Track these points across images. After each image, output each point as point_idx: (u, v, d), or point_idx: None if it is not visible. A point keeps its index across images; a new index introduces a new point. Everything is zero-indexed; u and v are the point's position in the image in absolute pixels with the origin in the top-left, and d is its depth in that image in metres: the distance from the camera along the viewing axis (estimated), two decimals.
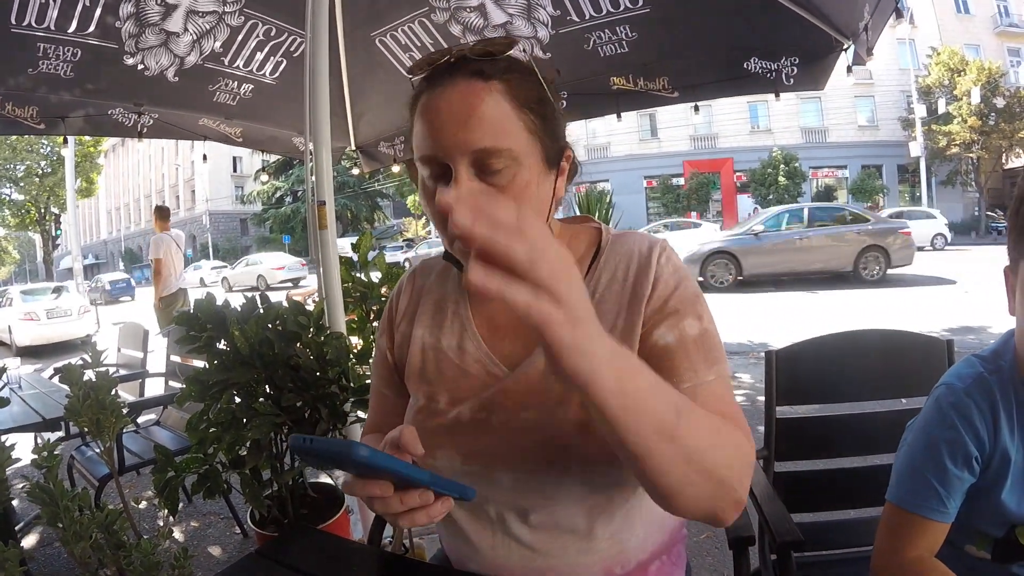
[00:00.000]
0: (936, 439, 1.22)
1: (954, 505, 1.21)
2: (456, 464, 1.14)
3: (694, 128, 40.29)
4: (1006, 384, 1.22)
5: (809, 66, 4.04)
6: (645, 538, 1.19)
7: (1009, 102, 34.28)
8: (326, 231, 3.09)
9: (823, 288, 15.00)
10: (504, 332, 1.20)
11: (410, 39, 4.36)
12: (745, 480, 0.90)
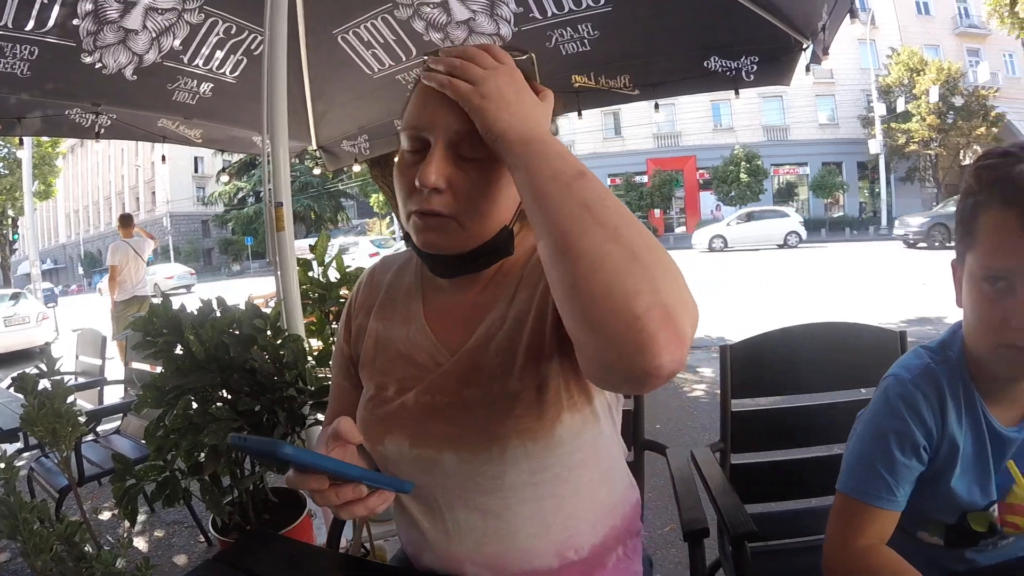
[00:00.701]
0: (884, 429, 1.25)
1: (903, 493, 1.23)
2: (404, 448, 1.16)
3: (657, 126, 40.64)
4: (954, 374, 1.26)
5: (769, 65, 4.08)
6: (596, 522, 1.21)
7: (967, 101, 35.18)
8: (283, 233, 3.05)
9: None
10: (452, 323, 1.23)
11: (373, 36, 4.34)
12: (675, 290, 0.80)
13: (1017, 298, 1.07)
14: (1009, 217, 1.05)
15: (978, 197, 1.13)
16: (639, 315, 0.76)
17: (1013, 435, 1.24)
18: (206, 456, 2.46)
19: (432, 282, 1.28)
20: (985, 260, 1.11)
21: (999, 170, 1.09)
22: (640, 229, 0.83)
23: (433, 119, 1.05)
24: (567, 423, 1.11)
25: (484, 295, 1.22)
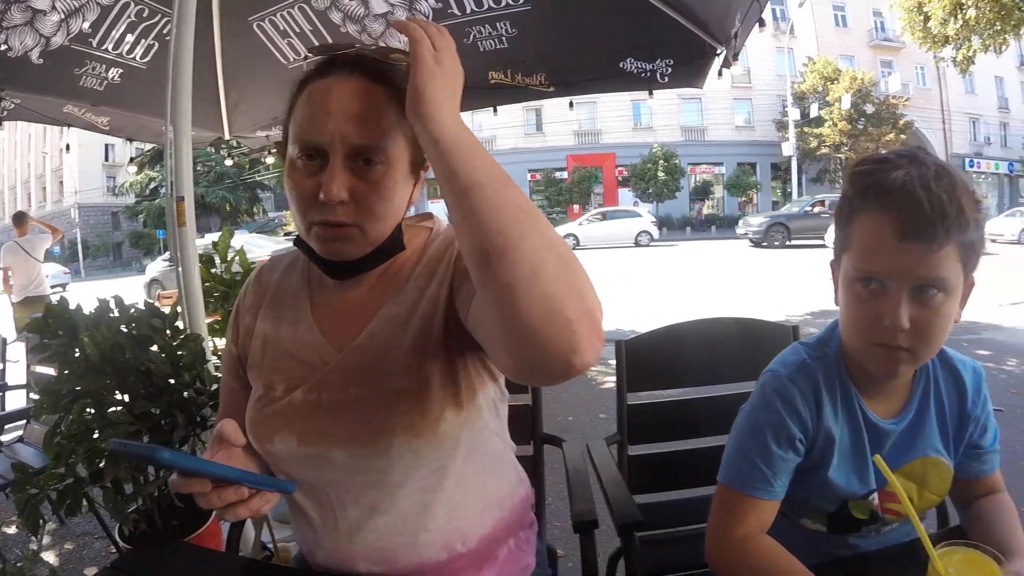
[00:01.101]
0: (761, 422, 1.30)
1: (781, 484, 1.27)
2: (293, 447, 1.16)
3: (579, 124, 41.25)
4: (830, 370, 1.32)
5: (683, 68, 4.18)
6: (483, 513, 1.26)
7: (878, 109, 37.14)
8: (185, 228, 2.94)
9: None
10: (341, 321, 1.24)
11: (289, 25, 4.24)
12: (594, 295, 0.85)
13: (888, 299, 1.12)
14: (882, 221, 1.10)
15: (854, 201, 1.18)
16: (571, 319, 0.80)
17: (891, 427, 1.30)
18: (105, 462, 2.35)
19: (320, 281, 1.28)
20: (858, 262, 1.16)
21: (874, 176, 1.14)
22: (559, 235, 0.87)
23: (330, 130, 1.05)
24: (451, 419, 1.14)
25: (373, 293, 1.24)
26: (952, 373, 1.36)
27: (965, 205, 1.07)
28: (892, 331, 1.12)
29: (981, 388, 1.37)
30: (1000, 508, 1.32)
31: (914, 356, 1.16)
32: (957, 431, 1.35)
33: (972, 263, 1.14)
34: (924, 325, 1.12)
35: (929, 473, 1.32)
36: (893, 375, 1.25)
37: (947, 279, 1.09)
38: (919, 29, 14.26)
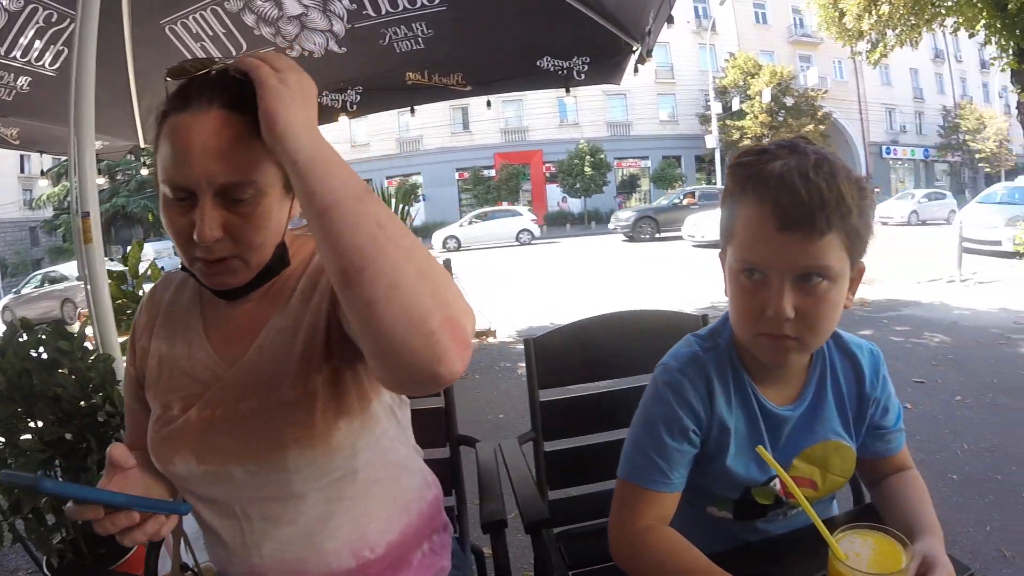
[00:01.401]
0: (653, 415, 1.31)
1: (678, 476, 1.28)
2: (193, 466, 1.15)
3: (505, 121, 41.32)
4: (723, 360, 1.33)
5: (599, 65, 4.22)
6: (390, 519, 1.26)
7: (797, 101, 38.19)
8: (92, 245, 2.81)
9: None
10: (232, 336, 1.22)
11: (202, 28, 4.12)
12: (458, 301, 0.88)
13: (771, 289, 1.12)
14: (763, 213, 1.11)
15: (735, 193, 1.18)
16: (434, 330, 0.82)
17: (787, 413, 1.31)
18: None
19: (211, 297, 1.25)
20: (741, 253, 1.17)
21: (753, 167, 1.15)
22: (421, 245, 0.90)
23: (195, 172, 1.02)
24: (345, 428, 1.13)
25: (261, 307, 1.22)
26: (849, 357, 1.38)
27: (846, 193, 1.08)
28: (776, 321, 1.13)
29: (879, 370, 1.39)
30: (908, 485, 1.35)
31: (802, 344, 1.17)
32: (857, 414, 1.37)
33: (858, 249, 1.15)
34: (809, 313, 1.13)
35: (831, 456, 1.34)
36: (782, 364, 1.26)
37: (831, 267, 1.10)
38: (835, 24, 14.70)
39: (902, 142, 48.50)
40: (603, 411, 2.03)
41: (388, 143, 41.21)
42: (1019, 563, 3.02)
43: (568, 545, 1.98)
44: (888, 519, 1.29)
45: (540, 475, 2.02)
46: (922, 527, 1.18)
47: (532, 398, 2.04)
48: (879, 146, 46.79)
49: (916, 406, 5.19)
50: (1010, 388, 5.52)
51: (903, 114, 48.85)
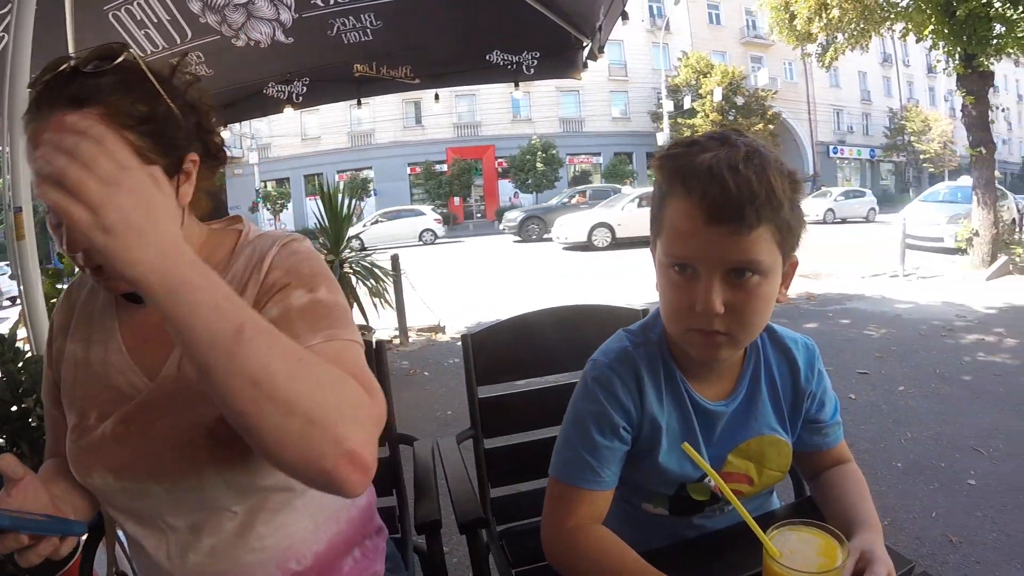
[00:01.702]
0: (583, 413, 1.27)
1: (610, 473, 1.25)
2: (110, 482, 1.09)
3: (458, 116, 41.36)
4: (653, 355, 1.30)
5: (550, 60, 4.22)
6: (316, 530, 1.21)
7: (748, 101, 38.75)
8: (24, 242, 2.68)
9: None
10: (149, 342, 1.16)
11: (146, 15, 4.00)
12: (355, 431, 0.87)
13: (700, 284, 1.09)
14: (691, 206, 1.06)
15: (663, 186, 1.15)
16: (328, 469, 0.84)
17: (721, 409, 1.29)
18: None
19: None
20: (669, 248, 1.13)
21: (681, 160, 1.11)
22: (310, 379, 0.85)
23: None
24: None
25: None
26: (783, 351, 1.36)
27: (777, 186, 1.04)
28: (706, 317, 1.08)
29: (814, 364, 1.37)
30: (846, 479, 1.33)
31: (733, 340, 1.14)
32: (792, 408, 1.35)
33: (790, 243, 1.12)
34: (740, 309, 1.09)
35: (767, 451, 1.33)
36: (713, 360, 1.24)
37: (761, 261, 1.07)
38: (786, 27, 14.88)
39: (849, 142, 49.70)
40: (544, 407, 1.99)
41: (339, 137, 40.95)
42: (966, 549, 3.07)
43: (511, 543, 1.95)
44: (826, 513, 1.28)
45: (482, 473, 1.99)
46: (860, 522, 1.17)
47: (471, 395, 2.00)
48: (827, 146, 47.87)
49: (860, 396, 5.27)
50: (952, 378, 5.69)
51: (851, 115, 50.05)
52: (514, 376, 2.04)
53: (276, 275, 1.12)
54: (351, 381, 0.92)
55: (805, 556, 0.98)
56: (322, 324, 1.05)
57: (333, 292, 1.13)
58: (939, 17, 11.32)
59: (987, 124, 11.82)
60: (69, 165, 0.70)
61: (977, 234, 11.94)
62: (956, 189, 16.90)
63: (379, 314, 6.50)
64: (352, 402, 0.90)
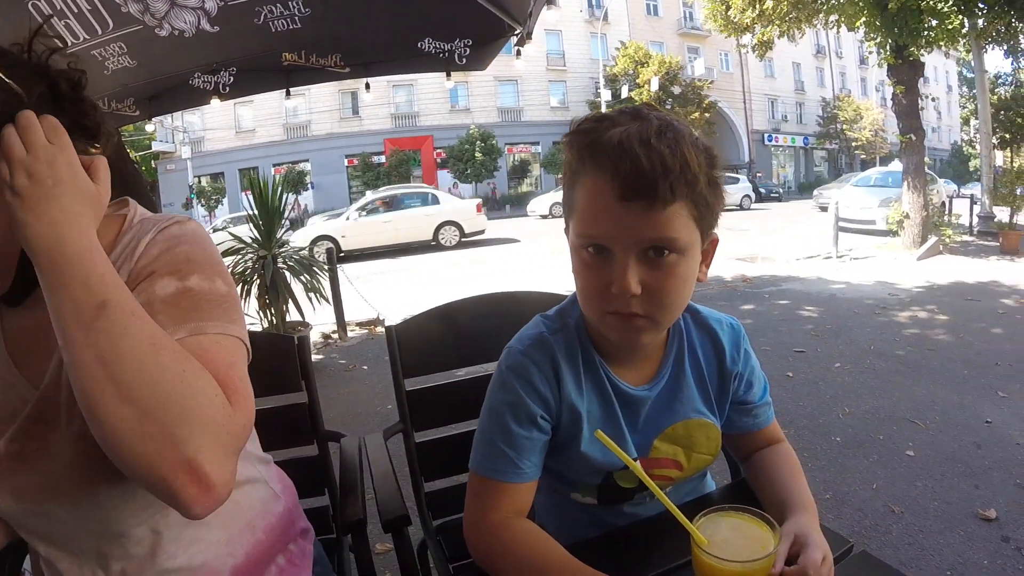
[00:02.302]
0: (499, 403, 1.22)
1: (530, 464, 1.19)
2: (11, 506, 1.00)
3: (395, 106, 40.95)
4: (571, 341, 1.24)
5: (482, 48, 4.17)
6: (231, 542, 1.14)
7: (684, 90, 39.39)
8: None
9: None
10: (34, 350, 1.03)
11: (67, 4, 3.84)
12: (199, 437, 0.80)
13: (615, 265, 1.03)
14: (602, 182, 1.01)
15: (573, 165, 1.09)
16: (164, 476, 0.78)
17: (644, 394, 1.24)
18: None
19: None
20: (581, 227, 1.07)
21: (591, 135, 1.05)
22: (157, 367, 0.81)
23: None
24: None
25: None
26: (708, 332, 1.32)
27: (691, 160, 0.99)
28: (622, 298, 1.03)
29: (740, 344, 1.33)
30: (779, 460, 1.30)
31: (652, 322, 1.08)
32: (719, 390, 1.31)
33: (709, 220, 1.08)
34: (658, 289, 1.04)
35: (695, 434, 1.28)
36: (633, 343, 1.17)
37: (678, 238, 1.02)
38: (721, 17, 15.08)
39: (784, 130, 50.84)
40: (474, 398, 1.91)
41: (275, 129, 40.09)
42: (908, 518, 3.14)
43: (449, 537, 1.89)
44: (759, 495, 1.25)
45: (414, 468, 1.93)
46: (794, 504, 1.14)
47: (398, 388, 1.92)
48: (762, 134, 48.93)
49: (797, 374, 5.37)
50: (887, 354, 5.85)
51: (785, 104, 51.22)
52: (442, 367, 1.97)
53: (144, 262, 1.01)
54: (209, 381, 0.85)
55: (735, 544, 0.94)
56: (189, 316, 0.95)
57: (211, 279, 1.01)
58: (871, 10, 11.66)
59: (917, 112, 12.27)
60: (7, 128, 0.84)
61: (908, 216, 12.39)
62: (887, 174, 17.54)
63: (315, 309, 6.37)
64: (202, 403, 0.82)
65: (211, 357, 0.91)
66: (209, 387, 0.84)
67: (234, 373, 0.93)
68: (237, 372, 0.93)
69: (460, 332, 1.98)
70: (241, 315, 1.04)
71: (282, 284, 5.98)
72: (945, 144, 59.59)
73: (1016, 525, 3.08)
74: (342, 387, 5.67)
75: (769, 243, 14.38)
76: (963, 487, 3.44)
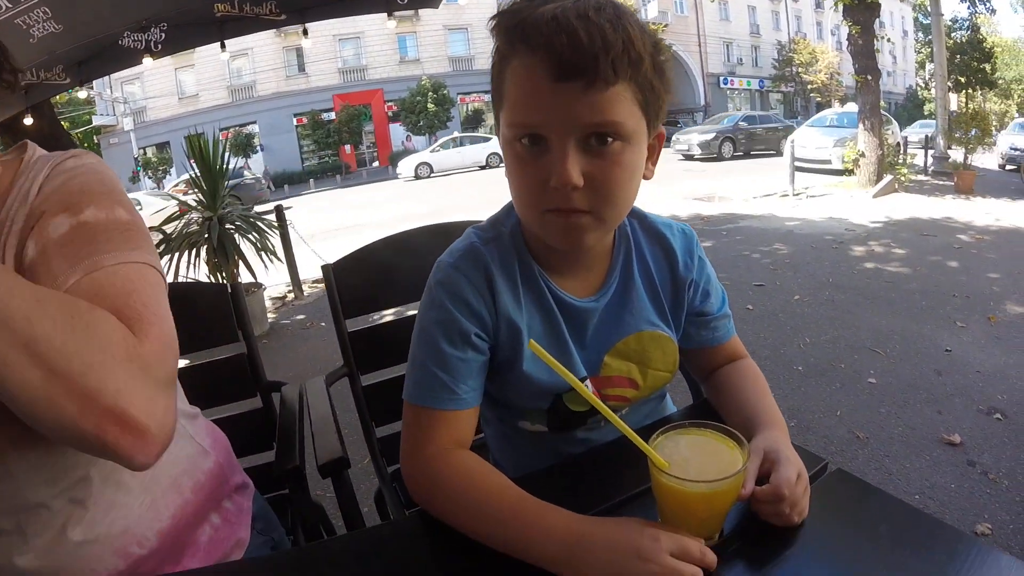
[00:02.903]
0: (428, 322, 1.11)
1: (468, 389, 1.09)
2: None
3: (343, 61, 40.01)
4: (506, 251, 1.14)
5: None
6: (155, 504, 1.07)
7: None
8: None
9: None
10: None
11: None
12: (115, 383, 0.74)
13: (553, 155, 0.92)
14: (535, 63, 0.90)
15: (503, 49, 0.98)
16: (92, 432, 0.72)
17: (589, 306, 1.15)
18: None
19: None
20: (514, 117, 0.96)
21: (521, 14, 0.94)
22: (50, 327, 0.72)
23: None
24: None
25: None
26: (657, 238, 1.23)
27: (635, 38, 0.89)
28: (563, 192, 0.92)
29: (693, 250, 1.25)
30: (742, 375, 1.23)
31: (597, 219, 0.98)
32: (673, 300, 1.22)
33: (656, 108, 0.97)
34: (602, 179, 0.94)
35: (648, 349, 1.19)
36: (577, 245, 1.03)
37: (622, 123, 0.92)
38: None
39: (739, 73, 50.93)
40: None
41: (219, 92, 38.92)
42: (874, 444, 3.20)
43: (403, 484, 1.79)
44: (723, 414, 1.17)
45: (363, 412, 1.84)
46: (761, 421, 1.06)
47: (339, 330, 1.82)
48: (717, 77, 48.90)
49: (757, 307, 5.44)
50: (845, 286, 5.92)
51: (740, 48, 51.23)
52: (385, 304, 1.87)
53: (38, 201, 0.92)
54: (103, 318, 0.78)
55: (699, 463, 0.85)
56: (84, 252, 0.87)
57: (110, 208, 0.93)
58: None
59: (872, 53, 12.35)
60: None
61: (863, 155, 12.55)
62: (842, 115, 17.62)
63: (268, 269, 6.18)
64: (102, 343, 0.75)
65: (105, 292, 0.84)
66: (104, 324, 0.77)
67: (134, 300, 0.85)
68: (138, 299, 0.85)
69: (402, 266, 1.86)
70: (146, 241, 0.96)
71: (230, 245, 5.81)
72: (900, 89, 60.28)
73: (981, 449, 3.13)
74: (300, 344, 5.60)
75: (725, 183, 14.48)
76: (926, 412, 3.50)
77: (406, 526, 1.05)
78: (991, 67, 20.76)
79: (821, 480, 1.02)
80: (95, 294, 0.82)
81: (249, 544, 1.23)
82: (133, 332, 0.80)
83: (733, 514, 0.90)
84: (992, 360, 4.18)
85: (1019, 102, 29.54)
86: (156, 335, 0.82)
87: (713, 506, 0.84)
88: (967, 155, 13.46)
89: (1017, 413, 3.46)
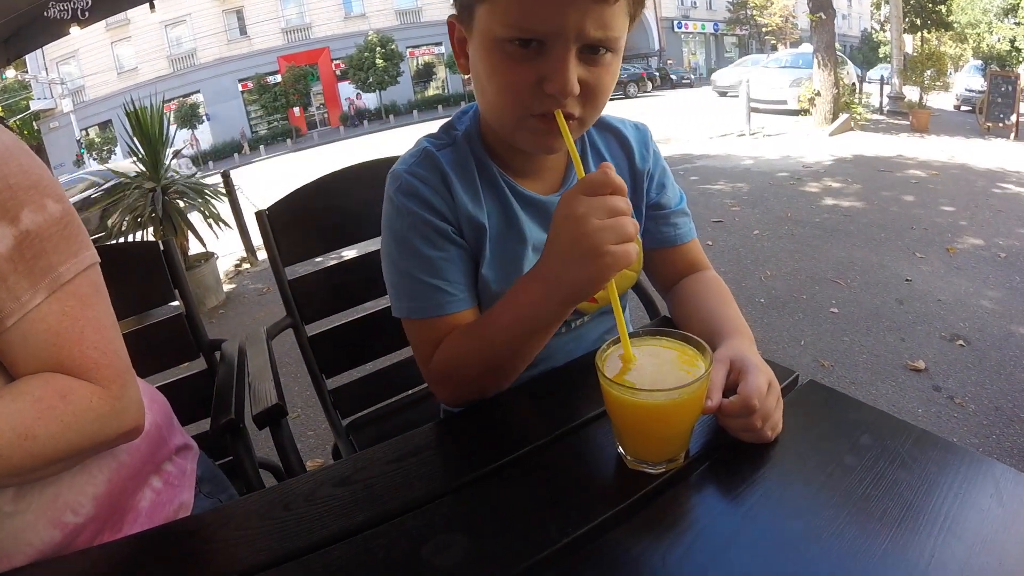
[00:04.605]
0: (400, 231, 1.07)
1: (460, 287, 1.07)
2: None
3: (286, 20, 39.12)
4: (462, 153, 1.12)
5: None
6: (88, 471, 1.01)
7: None
8: None
9: None
10: None
11: None
12: (111, 436, 0.89)
13: (551, 61, 0.89)
14: None
15: None
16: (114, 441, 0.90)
17: (550, 199, 1.14)
18: None
19: None
20: (511, 17, 0.89)
21: None
22: (46, 441, 0.82)
23: None
24: None
25: None
26: (612, 133, 1.23)
27: None
28: (560, 99, 0.90)
29: (647, 143, 1.25)
30: (705, 284, 1.20)
31: (581, 124, 0.98)
32: (632, 192, 1.21)
33: (636, 19, 0.97)
34: (594, 87, 0.93)
35: None
36: (554, 148, 1.01)
37: (620, 38, 0.92)
38: None
39: (693, 17, 50.83)
40: (366, 276, 1.76)
41: (159, 63, 37.82)
42: (839, 371, 3.25)
43: (360, 434, 1.78)
44: (686, 326, 1.11)
45: (310, 363, 1.76)
46: (726, 329, 1.01)
47: (279, 279, 1.74)
48: (671, 21, 48.79)
49: (717, 242, 5.50)
50: (804, 221, 5.98)
51: None
52: (325, 248, 1.76)
53: None
54: (73, 395, 0.86)
55: (656, 372, 0.78)
56: (39, 268, 0.87)
57: (41, 206, 0.88)
58: None
59: None
60: None
61: (819, 94, 12.66)
62: (797, 56, 17.84)
63: (218, 237, 6.03)
64: (89, 419, 0.86)
65: (62, 341, 0.88)
66: (74, 402, 0.85)
67: (86, 345, 0.90)
68: (87, 341, 0.90)
69: (339, 207, 1.77)
70: (79, 229, 0.94)
71: (176, 215, 5.63)
72: (855, 32, 60.63)
73: (945, 375, 3.18)
74: (258, 311, 5.54)
75: (681, 125, 14.66)
76: (889, 340, 3.54)
77: (345, 465, 0.96)
78: (946, 8, 20.99)
79: (794, 392, 0.96)
80: (53, 342, 0.87)
81: (194, 507, 1.18)
82: (94, 381, 0.87)
83: (699, 432, 0.85)
84: (952, 289, 4.25)
85: (974, 47, 30.16)
86: (114, 375, 0.90)
87: (673, 422, 0.77)
88: (922, 94, 13.66)
89: (980, 339, 3.52)
